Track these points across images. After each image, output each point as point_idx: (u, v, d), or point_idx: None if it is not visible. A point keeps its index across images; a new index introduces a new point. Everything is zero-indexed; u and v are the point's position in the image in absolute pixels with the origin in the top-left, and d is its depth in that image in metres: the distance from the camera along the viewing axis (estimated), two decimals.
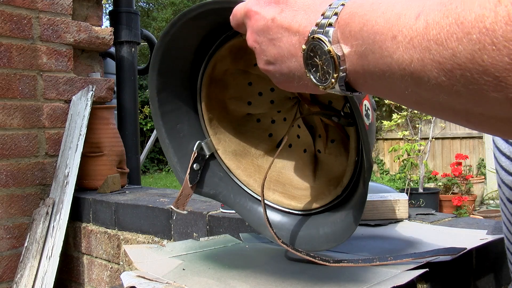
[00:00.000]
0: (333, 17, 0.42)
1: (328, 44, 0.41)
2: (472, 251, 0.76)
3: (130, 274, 0.60)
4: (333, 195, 0.71)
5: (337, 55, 0.41)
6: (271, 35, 0.48)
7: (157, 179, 8.65)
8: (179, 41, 0.66)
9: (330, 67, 0.42)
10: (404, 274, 0.59)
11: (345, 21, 0.41)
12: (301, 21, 0.46)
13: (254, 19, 0.50)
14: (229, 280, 0.59)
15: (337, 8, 0.42)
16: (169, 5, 16.00)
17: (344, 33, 0.41)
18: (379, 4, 0.38)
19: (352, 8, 0.41)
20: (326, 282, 0.58)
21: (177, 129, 0.75)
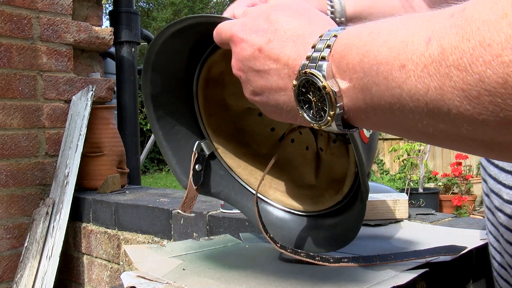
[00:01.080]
0: (326, 50, 0.39)
1: (322, 80, 0.38)
2: (472, 251, 0.76)
3: (130, 274, 0.60)
4: (334, 200, 0.71)
5: (333, 91, 0.38)
6: (258, 66, 0.45)
7: (157, 179, 8.65)
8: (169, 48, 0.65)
9: (325, 104, 0.39)
10: (404, 274, 0.59)
11: (341, 54, 0.38)
12: (290, 53, 0.42)
13: (239, 47, 0.47)
14: (229, 280, 0.59)
15: (329, 40, 0.39)
16: (169, 5, 16.00)
17: (340, 67, 0.38)
18: (378, 33, 0.35)
19: (348, 40, 0.38)
20: (326, 282, 0.58)
21: (174, 131, 0.74)
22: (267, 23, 0.45)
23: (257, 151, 0.79)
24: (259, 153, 0.79)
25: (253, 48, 0.45)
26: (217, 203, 1.35)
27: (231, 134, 0.78)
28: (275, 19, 0.45)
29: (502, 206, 0.54)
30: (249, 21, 0.47)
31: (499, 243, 0.57)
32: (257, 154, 0.78)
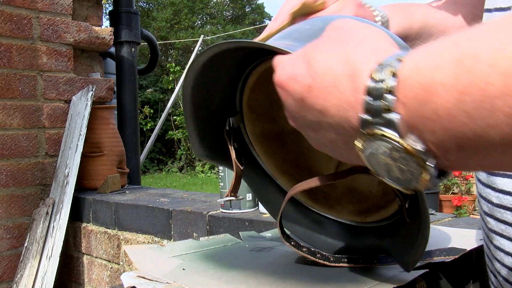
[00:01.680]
0: (389, 97, 0.30)
1: (399, 141, 0.30)
2: (472, 251, 0.76)
3: (130, 275, 0.60)
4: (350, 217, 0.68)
5: (420, 152, 0.30)
6: (307, 118, 0.37)
7: (157, 179, 8.65)
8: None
9: (410, 166, 0.31)
10: (404, 274, 0.59)
11: (418, 99, 0.28)
12: (338, 104, 0.33)
13: (283, 96, 0.39)
14: (229, 280, 0.59)
15: (388, 80, 0.30)
16: (169, 5, 16.01)
17: (424, 116, 0.28)
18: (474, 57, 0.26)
19: (422, 76, 0.28)
20: (327, 282, 0.58)
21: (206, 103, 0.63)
22: (305, 65, 0.37)
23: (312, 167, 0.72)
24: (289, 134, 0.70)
25: (296, 99, 0.37)
26: (217, 203, 1.35)
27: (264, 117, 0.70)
28: (313, 60, 0.36)
29: (492, 211, 0.51)
30: (290, 62, 0.39)
31: (489, 249, 0.56)
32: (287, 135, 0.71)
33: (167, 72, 10.47)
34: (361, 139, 0.33)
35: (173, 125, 9.85)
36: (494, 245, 0.53)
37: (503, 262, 0.52)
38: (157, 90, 11.04)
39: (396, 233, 0.63)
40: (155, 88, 11.13)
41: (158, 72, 11.83)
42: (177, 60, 14.46)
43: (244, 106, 0.66)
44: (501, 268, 0.52)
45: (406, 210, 0.54)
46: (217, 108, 0.63)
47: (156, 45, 2.41)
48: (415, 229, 0.55)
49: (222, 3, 18.30)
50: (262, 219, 1.10)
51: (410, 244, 0.56)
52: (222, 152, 0.66)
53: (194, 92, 0.59)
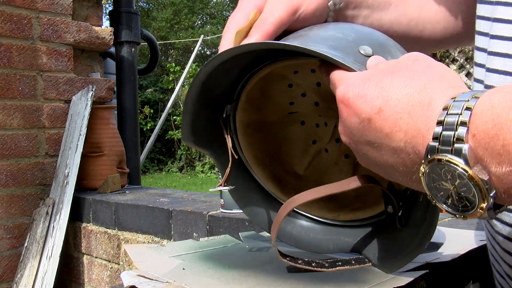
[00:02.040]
0: (461, 129, 0.32)
1: (465, 168, 0.32)
2: (472, 251, 0.76)
3: (130, 274, 0.60)
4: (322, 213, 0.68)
5: (483, 181, 0.31)
6: (368, 137, 0.38)
7: (157, 179, 8.65)
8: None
9: (471, 194, 0.32)
10: (404, 275, 0.59)
11: (489, 134, 0.30)
12: (407, 129, 0.35)
13: (346, 113, 0.40)
14: (229, 280, 0.59)
15: (462, 114, 0.32)
16: (169, 5, 16.01)
17: (492, 149, 0.30)
18: None
19: (496, 113, 0.30)
20: (327, 282, 0.58)
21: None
22: (378, 88, 0.38)
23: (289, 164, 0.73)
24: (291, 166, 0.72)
25: (362, 118, 0.38)
26: (217, 203, 1.35)
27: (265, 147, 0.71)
28: (388, 84, 0.37)
29: (499, 214, 0.51)
30: (359, 81, 0.40)
31: (496, 251, 0.55)
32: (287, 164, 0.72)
33: (167, 72, 10.47)
34: (426, 164, 0.34)
35: (173, 125, 9.85)
36: (502, 248, 0.53)
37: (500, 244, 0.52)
38: (157, 90, 11.04)
39: (375, 236, 0.63)
40: (155, 88, 11.13)
41: (158, 72, 11.83)
42: (177, 60, 14.46)
43: (242, 95, 0.67)
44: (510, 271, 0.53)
45: (398, 218, 0.55)
46: (216, 96, 0.64)
47: (156, 45, 2.41)
48: (406, 237, 0.56)
49: (222, 3, 18.30)
50: None
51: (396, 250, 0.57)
52: (206, 139, 0.67)
53: (207, 78, 0.59)
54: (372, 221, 0.65)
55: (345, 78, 0.42)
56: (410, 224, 0.55)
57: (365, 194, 0.65)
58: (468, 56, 5.69)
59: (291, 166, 0.73)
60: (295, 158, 0.73)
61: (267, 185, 0.71)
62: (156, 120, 9.12)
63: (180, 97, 9.64)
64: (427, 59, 0.40)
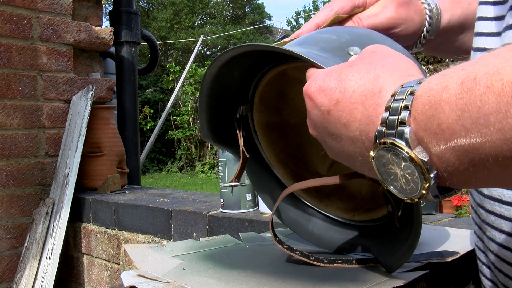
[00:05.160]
0: (404, 112, 0.33)
1: (407, 150, 0.33)
2: (472, 251, 0.76)
3: (130, 273, 0.60)
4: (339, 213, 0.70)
5: (424, 161, 0.33)
6: (329, 129, 0.40)
7: (157, 179, 8.65)
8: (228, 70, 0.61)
9: (415, 176, 0.34)
10: (404, 275, 0.59)
11: (427, 115, 0.32)
12: (360, 118, 0.37)
13: (310, 106, 0.42)
14: (229, 280, 0.59)
15: (406, 99, 0.34)
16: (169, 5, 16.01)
17: (430, 130, 0.32)
18: (473, 79, 0.29)
19: (432, 96, 0.32)
20: (326, 282, 0.58)
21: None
22: (337, 81, 0.40)
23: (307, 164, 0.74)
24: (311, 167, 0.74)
25: (322, 111, 0.40)
26: (217, 203, 1.35)
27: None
28: (345, 77, 0.40)
29: (482, 202, 0.53)
30: (322, 76, 0.42)
31: (483, 241, 0.56)
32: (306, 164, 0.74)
33: (167, 72, 10.47)
34: (375, 149, 0.36)
35: (173, 125, 9.85)
36: (487, 236, 0.54)
37: (495, 252, 0.52)
38: (157, 90, 11.04)
39: (383, 236, 0.65)
40: (155, 88, 11.13)
41: (158, 72, 11.83)
42: (177, 60, 14.45)
43: (256, 97, 0.68)
44: (493, 258, 0.53)
45: (397, 217, 0.57)
46: (229, 96, 0.66)
47: (156, 45, 2.41)
48: (403, 237, 0.57)
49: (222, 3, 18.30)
50: (262, 219, 1.10)
51: (396, 249, 0.58)
52: (227, 137, 0.69)
53: (214, 80, 0.61)
54: (383, 221, 0.67)
55: (313, 74, 0.44)
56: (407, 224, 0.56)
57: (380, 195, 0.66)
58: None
59: (314, 166, 0.74)
60: (317, 159, 0.74)
61: (289, 184, 0.72)
62: (156, 120, 9.12)
63: (180, 97, 9.64)
64: (384, 51, 0.42)
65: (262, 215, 1.13)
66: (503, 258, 0.51)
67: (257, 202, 1.20)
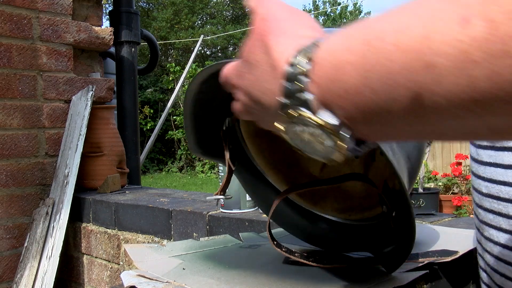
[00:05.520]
0: (303, 79, 0.32)
1: (313, 118, 0.32)
2: (472, 251, 0.76)
3: (130, 273, 0.60)
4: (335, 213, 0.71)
5: (334, 125, 0.32)
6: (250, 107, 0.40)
7: (157, 179, 8.65)
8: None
9: (329, 140, 0.33)
10: (404, 275, 0.59)
11: (330, 78, 0.31)
12: (265, 91, 0.36)
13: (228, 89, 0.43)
14: (229, 280, 0.59)
15: (303, 62, 0.32)
16: (169, 5, 16.01)
17: (334, 92, 0.31)
18: (380, 39, 0.28)
19: (334, 58, 0.30)
20: (326, 282, 0.58)
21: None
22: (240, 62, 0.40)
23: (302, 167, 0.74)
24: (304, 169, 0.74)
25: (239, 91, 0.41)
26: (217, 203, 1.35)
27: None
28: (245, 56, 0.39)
29: (481, 201, 0.53)
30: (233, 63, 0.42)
31: (480, 244, 0.55)
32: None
33: (167, 72, 10.47)
34: (281, 121, 0.35)
35: (173, 125, 9.85)
36: (484, 236, 0.53)
37: (492, 252, 0.52)
38: (157, 90, 11.04)
39: (381, 236, 0.65)
40: (155, 88, 11.13)
41: (158, 72, 11.83)
42: (177, 60, 14.45)
43: None
44: (490, 259, 0.53)
45: (392, 218, 0.57)
46: (214, 109, 0.66)
47: (156, 45, 2.41)
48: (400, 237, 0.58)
49: (222, 3, 18.30)
50: (262, 219, 1.10)
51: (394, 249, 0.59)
52: (215, 150, 0.69)
53: (196, 96, 0.61)
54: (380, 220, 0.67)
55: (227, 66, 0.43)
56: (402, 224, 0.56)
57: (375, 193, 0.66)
58: None
59: (307, 168, 0.74)
60: (309, 161, 0.74)
61: (282, 189, 0.73)
62: (156, 120, 9.12)
63: (180, 97, 9.63)
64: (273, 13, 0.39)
65: (262, 215, 1.13)
66: (501, 257, 0.51)
67: None
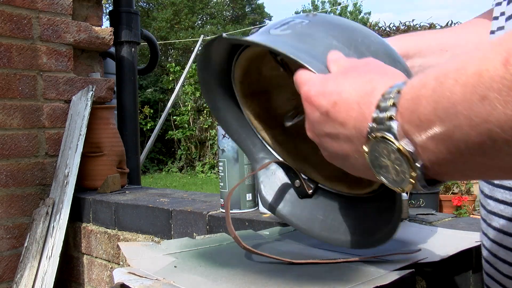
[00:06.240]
0: (391, 109, 0.38)
1: (394, 142, 0.37)
2: (471, 250, 0.76)
3: (121, 271, 0.60)
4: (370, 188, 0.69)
5: (409, 152, 0.37)
6: (328, 129, 0.44)
7: (157, 179, 8.66)
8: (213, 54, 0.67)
9: (403, 166, 0.38)
10: (390, 274, 0.59)
11: (410, 109, 0.36)
12: (356, 116, 0.41)
13: (309, 109, 0.46)
14: (217, 278, 0.60)
15: (393, 97, 0.38)
16: (169, 5, 16.01)
17: (412, 122, 0.36)
18: (445, 75, 0.33)
19: (414, 92, 0.36)
20: (312, 281, 0.58)
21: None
22: (334, 85, 0.44)
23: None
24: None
25: (321, 111, 0.44)
26: (217, 203, 1.35)
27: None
28: (342, 82, 0.44)
29: (492, 192, 0.54)
30: (320, 81, 0.46)
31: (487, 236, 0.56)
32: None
33: (167, 72, 10.47)
34: (367, 143, 0.40)
35: (173, 125, 9.85)
36: (493, 227, 0.54)
37: (501, 243, 0.53)
38: (157, 90, 11.04)
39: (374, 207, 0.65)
40: (155, 88, 11.13)
41: (158, 72, 11.83)
42: (177, 60, 14.45)
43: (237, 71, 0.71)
44: (498, 249, 0.53)
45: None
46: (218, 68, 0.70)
47: (156, 45, 2.41)
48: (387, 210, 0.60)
49: (222, 3, 18.29)
50: (262, 219, 1.10)
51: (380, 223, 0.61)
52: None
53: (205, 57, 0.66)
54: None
55: (308, 79, 0.48)
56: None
57: None
58: None
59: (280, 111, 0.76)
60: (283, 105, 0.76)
61: (275, 149, 0.74)
62: (156, 120, 9.12)
63: (180, 97, 9.64)
64: (376, 63, 0.47)
65: (262, 215, 1.13)
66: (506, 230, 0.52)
67: (257, 202, 1.20)
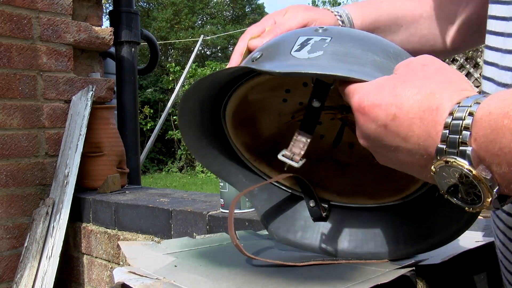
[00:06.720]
0: (465, 133, 0.36)
1: (470, 168, 0.36)
2: (472, 251, 0.76)
3: (121, 270, 0.60)
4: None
5: (486, 179, 0.36)
6: (386, 141, 0.42)
7: (157, 179, 8.66)
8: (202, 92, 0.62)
9: (477, 190, 0.37)
10: (389, 273, 0.59)
11: (488, 138, 0.34)
12: (419, 134, 0.39)
13: (363, 120, 0.43)
14: (218, 278, 0.59)
15: (465, 119, 0.36)
16: (169, 5, 16.02)
17: (491, 151, 0.34)
18: None
19: (493, 119, 0.34)
20: (311, 281, 0.58)
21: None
22: (392, 96, 0.41)
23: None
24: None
25: (378, 125, 0.42)
26: (217, 203, 1.35)
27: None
28: (401, 92, 0.41)
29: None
30: (374, 90, 0.43)
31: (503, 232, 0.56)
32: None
33: (167, 72, 10.48)
34: (436, 164, 0.39)
35: (173, 125, 9.85)
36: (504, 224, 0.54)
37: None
38: (157, 90, 11.04)
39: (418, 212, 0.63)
40: (155, 88, 11.13)
41: (158, 72, 11.83)
42: (177, 60, 14.46)
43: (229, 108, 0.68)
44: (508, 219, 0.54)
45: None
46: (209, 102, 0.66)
47: (156, 45, 2.41)
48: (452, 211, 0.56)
49: (222, 3, 18.30)
50: None
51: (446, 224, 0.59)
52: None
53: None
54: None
55: (359, 88, 0.45)
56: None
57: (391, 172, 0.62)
58: (468, 56, 5.68)
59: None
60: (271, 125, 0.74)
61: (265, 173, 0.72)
62: (156, 120, 9.13)
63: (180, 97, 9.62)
64: (435, 63, 0.43)
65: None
66: None
67: None
